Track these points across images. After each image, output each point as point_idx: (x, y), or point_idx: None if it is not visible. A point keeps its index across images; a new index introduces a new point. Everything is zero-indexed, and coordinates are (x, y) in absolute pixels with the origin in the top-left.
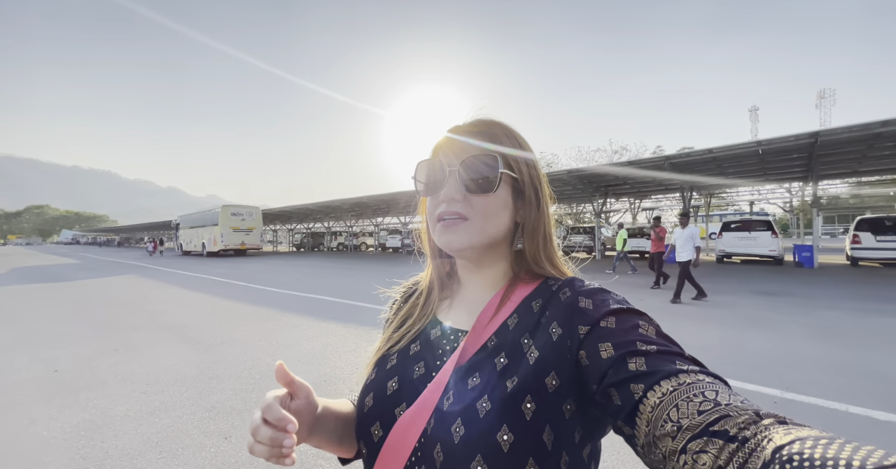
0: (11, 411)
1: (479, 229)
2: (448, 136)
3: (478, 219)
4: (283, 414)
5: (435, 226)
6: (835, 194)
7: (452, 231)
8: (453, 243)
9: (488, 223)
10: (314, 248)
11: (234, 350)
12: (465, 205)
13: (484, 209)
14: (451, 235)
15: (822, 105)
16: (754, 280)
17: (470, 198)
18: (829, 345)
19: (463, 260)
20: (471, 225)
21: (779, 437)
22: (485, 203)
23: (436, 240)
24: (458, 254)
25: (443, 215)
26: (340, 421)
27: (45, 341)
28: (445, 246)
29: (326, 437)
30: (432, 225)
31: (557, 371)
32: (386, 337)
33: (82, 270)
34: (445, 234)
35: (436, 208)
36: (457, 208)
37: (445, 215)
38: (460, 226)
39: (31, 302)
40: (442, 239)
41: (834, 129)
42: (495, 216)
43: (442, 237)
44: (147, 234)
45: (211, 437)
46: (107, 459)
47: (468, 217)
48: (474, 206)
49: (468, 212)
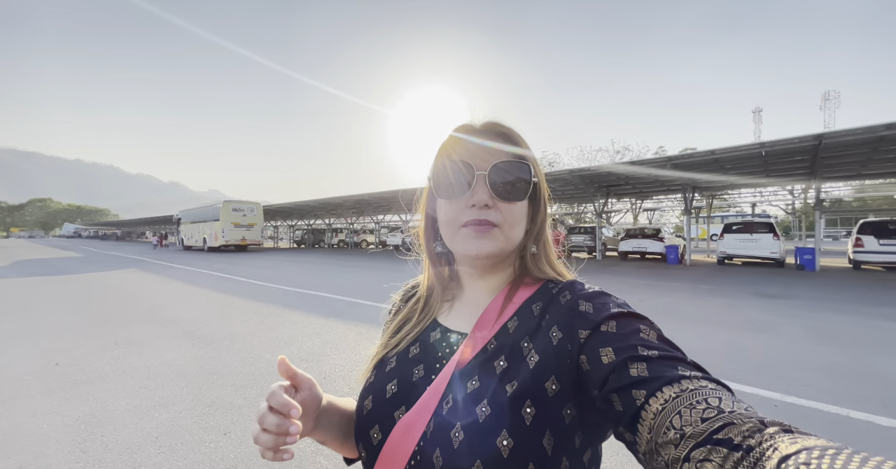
0: (13, 404)
1: (507, 237)
2: (465, 137)
3: (507, 227)
4: (287, 400)
5: (458, 231)
6: (837, 197)
7: (483, 237)
8: (482, 249)
9: (514, 231)
10: (315, 244)
11: (234, 346)
12: (494, 212)
13: (512, 217)
14: (482, 242)
15: (827, 107)
16: (755, 282)
17: (499, 205)
18: (831, 348)
19: (476, 266)
20: (500, 233)
21: (785, 447)
22: (513, 211)
23: (460, 245)
24: (480, 260)
25: (472, 221)
26: (345, 417)
27: (47, 334)
28: (472, 251)
29: (332, 433)
30: (453, 230)
31: (558, 375)
32: (385, 340)
33: (84, 264)
34: (475, 241)
35: (459, 212)
36: (489, 215)
37: (476, 221)
38: (491, 233)
39: (33, 295)
40: (471, 246)
41: (838, 131)
42: (520, 224)
43: (471, 244)
44: (149, 229)
45: (210, 433)
46: (107, 453)
47: (498, 224)
48: (503, 213)
49: (498, 219)
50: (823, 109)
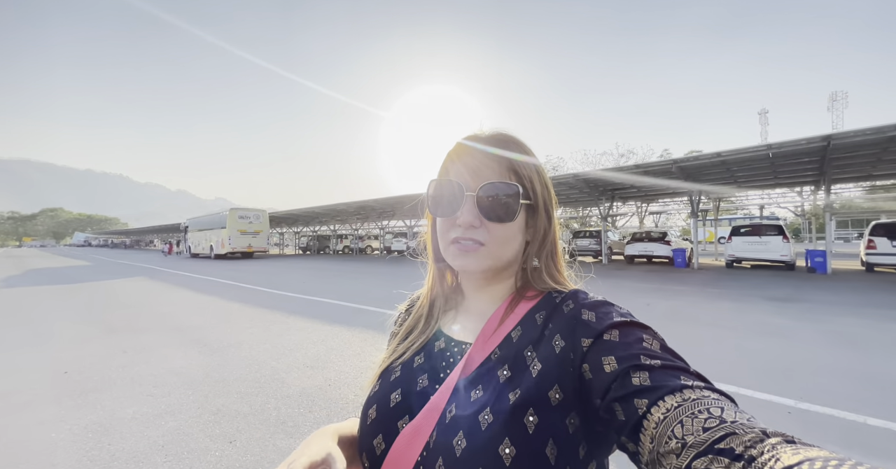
0: (22, 412)
1: (494, 255)
2: (461, 151)
3: (494, 246)
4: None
5: (448, 247)
6: (848, 198)
7: (468, 256)
8: (468, 266)
9: (504, 249)
10: (320, 250)
11: (240, 353)
12: (482, 231)
13: (501, 237)
14: (467, 260)
15: (835, 108)
16: (765, 285)
17: (487, 224)
18: (845, 353)
19: (471, 279)
20: (486, 251)
21: (787, 458)
22: (502, 231)
23: (449, 260)
24: (469, 275)
25: (458, 240)
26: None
27: (56, 342)
28: (460, 268)
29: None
30: (444, 245)
31: (561, 384)
32: (391, 349)
33: (93, 272)
34: (460, 258)
35: (449, 230)
36: (474, 235)
37: (461, 240)
38: (477, 251)
39: (42, 303)
40: (457, 262)
41: (846, 132)
42: (510, 242)
43: (457, 260)
44: (157, 237)
45: (216, 441)
46: (113, 462)
47: (485, 243)
48: (491, 233)
49: (485, 238)
50: (831, 110)
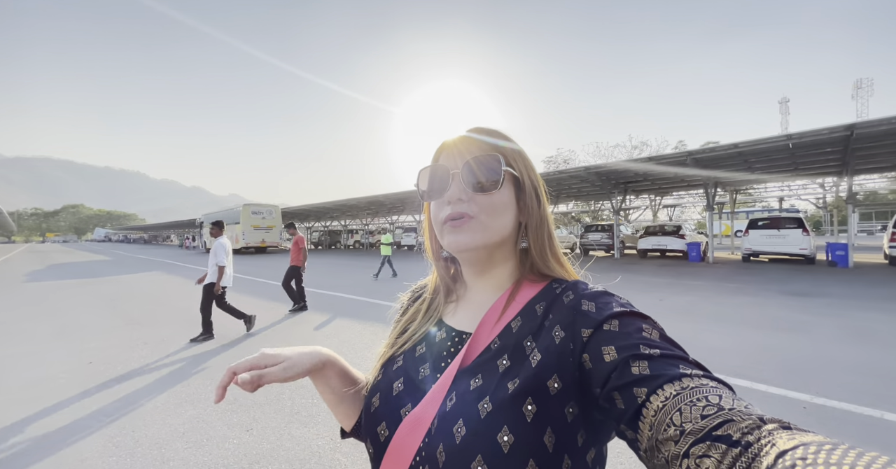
0: (49, 401)
1: (485, 226)
2: (448, 143)
3: (484, 216)
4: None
5: (442, 228)
6: (872, 189)
7: (459, 230)
8: (461, 243)
9: (494, 220)
10: (331, 245)
11: (254, 345)
12: (470, 204)
13: (489, 206)
14: (459, 235)
15: (859, 95)
16: (784, 280)
17: (475, 196)
18: (865, 348)
19: (469, 262)
20: (477, 223)
21: (782, 443)
22: (490, 201)
23: (443, 242)
24: (464, 254)
25: (449, 217)
26: (344, 380)
27: (81, 334)
28: (453, 246)
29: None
30: (438, 228)
31: (560, 374)
32: (393, 339)
33: (114, 267)
34: (452, 234)
35: (440, 211)
36: (462, 208)
37: (452, 216)
38: (467, 224)
39: (67, 297)
40: (449, 239)
41: (871, 120)
42: (500, 214)
43: (449, 237)
44: (173, 232)
45: (233, 429)
46: (137, 448)
47: (474, 215)
48: (479, 204)
49: (473, 210)
50: (856, 98)
